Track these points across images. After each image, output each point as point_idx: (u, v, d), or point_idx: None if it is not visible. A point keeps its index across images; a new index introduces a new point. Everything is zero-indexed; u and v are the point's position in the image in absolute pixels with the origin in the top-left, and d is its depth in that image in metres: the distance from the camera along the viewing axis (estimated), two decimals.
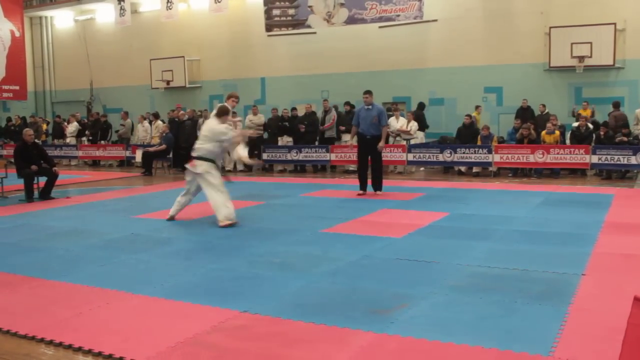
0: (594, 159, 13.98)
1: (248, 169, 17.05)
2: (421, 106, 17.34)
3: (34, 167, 11.56)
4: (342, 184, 13.84)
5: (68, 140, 21.55)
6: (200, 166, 8.66)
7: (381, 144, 11.39)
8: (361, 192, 11.57)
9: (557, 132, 14.98)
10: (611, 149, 13.88)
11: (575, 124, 15.10)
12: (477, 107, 17.17)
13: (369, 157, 11.53)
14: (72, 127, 21.69)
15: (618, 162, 13.83)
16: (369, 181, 11.67)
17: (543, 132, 15.01)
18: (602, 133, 14.48)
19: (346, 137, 17.07)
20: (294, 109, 17.84)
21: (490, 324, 4.35)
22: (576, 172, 14.69)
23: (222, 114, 8.85)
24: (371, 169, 11.65)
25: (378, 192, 11.49)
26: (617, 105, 15.23)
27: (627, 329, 3.15)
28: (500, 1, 17.62)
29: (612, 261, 6.14)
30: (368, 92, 11.44)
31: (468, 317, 4.50)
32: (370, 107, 11.38)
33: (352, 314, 4.61)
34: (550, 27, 16.63)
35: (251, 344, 4.09)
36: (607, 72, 16.61)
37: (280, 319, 4.53)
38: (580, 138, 14.58)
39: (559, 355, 3.76)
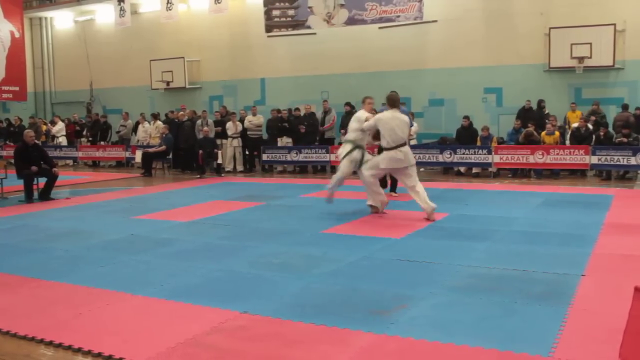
0: (594, 159, 13.98)
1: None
2: (625, 107, 15.76)
3: (34, 168, 11.56)
4: (342, 185, 13.80)
5: (60, 140, 21.55)
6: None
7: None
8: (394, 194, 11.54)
9: (557, 133, 14.99)
10: (611, 150, 13.88)
11: (575, 125, 15.11)
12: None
13: None
14: (57, 127, 21.72)
15: (618, 163, 13.83)
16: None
17: (543, 133, 15.01)
18: (602, 134, 14.49)
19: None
20: (296, 109, 17.81)
21: (491, 324, 4.35)
22: (576, 173, 14.69)
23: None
24: None
25: (394, 194, 11.43)
26: (625, 107, 15.20)
27: (628, 320, 3.16)
28: (500, 2, 17.61)
29: (611, 262, 6.14)
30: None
31: (468, 317, 4.50)
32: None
33: (352, 314, 4.61)
34: (550, 28, 16.62)
35: (251, 344, 4.09)
36: (607, 73, 16.60)
37: (280, 320, 4.53)
38: (580, 139, 14.58)
39: (558, 356, 3.76)
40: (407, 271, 5.92)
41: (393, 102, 9.16)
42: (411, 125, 11.79)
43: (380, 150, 9.50)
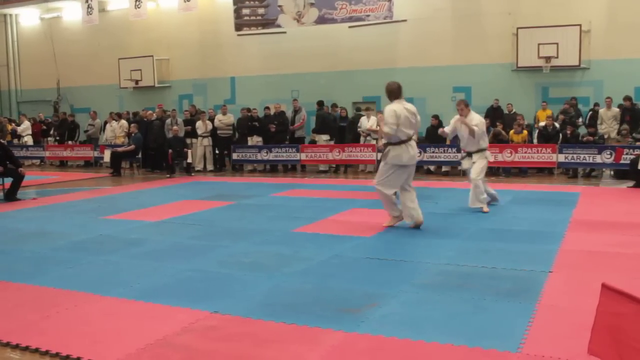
0: (561, 157, 14.19)
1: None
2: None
3: None
4: (313, 184, 13.85)
5: (25, 139, 21.23)
6: None
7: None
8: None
9: (525, 132, 15.18)
10: (577, 148, 14.11)
11: (542, 123, 15.32)
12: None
13: None
14: (23, 126, 21.40)
15: (584, 161, 14.05)
16: None
17: (511, 132, 15.20)
18: (569, 132, 14.71)
19: (316, 138, 17.13)
20: (266, 108, 17.77)
21: (460, 321, 4.39)
22: (543, 171, 14.90)
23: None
24: None
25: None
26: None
27: (596, 316, 3.22)
28: (468, 2, 17.79)
29: (578, 258, 6.24)
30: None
31: (438, 315, 4.54)
32: None
33: (323, 313, 4.62)
34: (518, 28, 16.84)
35: (222, 344, 4.07)
36: (573, 73, 16.88)
37: (251, 319, 4.51)
38: (547, 137, 14.79)
39: (527, 351, 3.81)
40: (377, 269, 5.94)
41: (393, 93, 8.38)
42: None
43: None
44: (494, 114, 16.31)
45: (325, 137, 16.90)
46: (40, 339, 4.22)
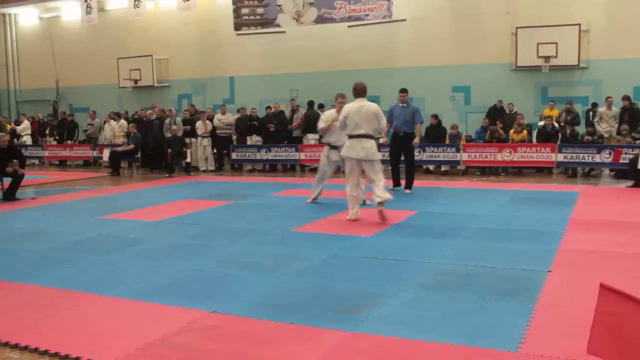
0: (560, 157, 14.20)
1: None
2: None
3: (9, 169, 11.43)
4: (312, 183, 13.79)
5: (24, 139, 21.22)
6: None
7: (416, 140, 11.66)
8: (393, 188, 11.60)
9: (525, 132, 15.19)
10: (576, 148, 14.11)
11: (541, 123, 15.32)
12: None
13: (402, 154, 11.76)
14: (23, 126, 21.39)
15: (583, 160, 14.06)
16: (403, 181, 11.84)
17: (511, 131, 15.21)
18: (568, 132, 14.72)
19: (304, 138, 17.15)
20: (268, 107, 17.74)
21: (459, 321, 4.39)
22: (543, 170, 14.90)
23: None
24: (405, 167, 11.90)
25: (407, 191, 11.57)
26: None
27: (595, 316, 3.22)
28: (468, 2, 17.79)
29: (577, 258, 6.24)
30: (404, 91, 11.73)
31: (437, 314, 4.54)
32: (405, 104, 11.58)
33: (322, 313, 4.61)
34: (517, 28, 16.83)
35: (221, 344, 4.07)
36: (572, 72, 16.88)
37: (250, 319, 4.51)
38: (546, 137, 14.80)
39: (526, 351, 3.81)
40: (376, 269, 5.94)
41: (354, 91, 9.23)
42: (417, 121, 11.61)
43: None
44: (494, 114, 16.30)
45: (314, 136, 16.81)
46: (39, 339, 4.22)
